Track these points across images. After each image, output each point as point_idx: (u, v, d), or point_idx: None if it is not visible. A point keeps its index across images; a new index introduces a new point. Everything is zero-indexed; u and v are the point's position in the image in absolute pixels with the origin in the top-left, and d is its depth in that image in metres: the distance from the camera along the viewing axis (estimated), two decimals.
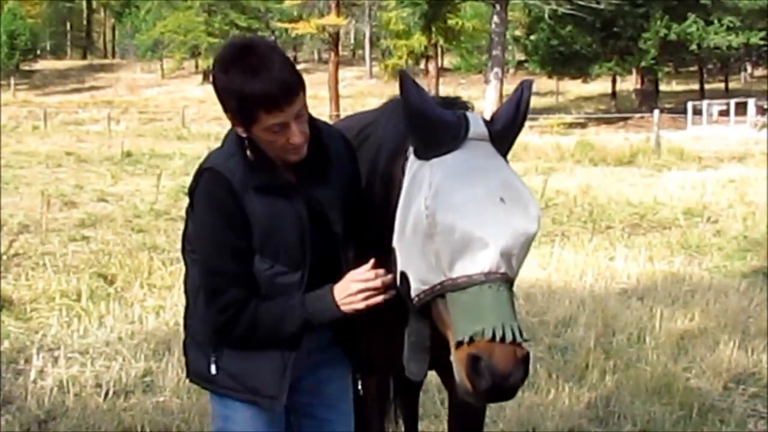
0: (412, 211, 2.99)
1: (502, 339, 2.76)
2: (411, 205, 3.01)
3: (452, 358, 2.90)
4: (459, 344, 2.84)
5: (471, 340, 2.79)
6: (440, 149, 3.01)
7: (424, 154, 3.05)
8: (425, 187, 2.96)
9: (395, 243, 3.12)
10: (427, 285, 2.97)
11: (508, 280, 2.88)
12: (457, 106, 3.28)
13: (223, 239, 3.13)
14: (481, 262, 2.84)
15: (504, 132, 3.11)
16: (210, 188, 3.14)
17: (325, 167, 3.27)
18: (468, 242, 2.85)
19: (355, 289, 3.14)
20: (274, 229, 3.13)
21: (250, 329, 3.17)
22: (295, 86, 3.02)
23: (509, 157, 3.20)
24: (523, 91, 3.14)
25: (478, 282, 2.83)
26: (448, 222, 2.87)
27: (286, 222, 3.13)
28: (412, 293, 3.05)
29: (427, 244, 2.94)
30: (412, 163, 3.10)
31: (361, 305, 3.15)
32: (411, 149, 3.14)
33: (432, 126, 3.01)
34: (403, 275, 3.08)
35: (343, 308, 3.15)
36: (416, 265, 3.00)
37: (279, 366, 3.25)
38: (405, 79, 3.02)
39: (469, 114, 3.12)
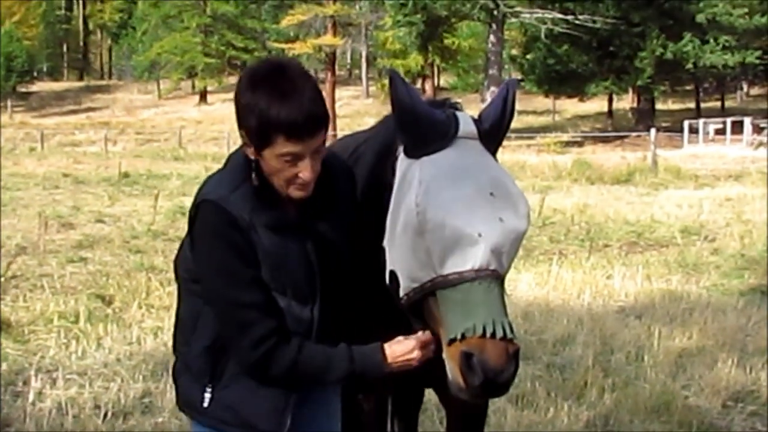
0: (403, 209, 3.02)
1: (493, 335, 2.78)
2: (401, 203, 3.04)
3: (444, 355, 2.92)
4: (451, 341, 2.86)
5: (463, 337, 2.81)
6: (430, 147, 3.04)
7: (413, 153, 3.08)
8: (415, 185, 2.99)
9: (385, 242, 3.14)
10: (417, 282, 3.00)
11: (499, 277, 2.90)
12: (447, 106, 3.30)
13: (234, 269, 2.93)
14: (471, 258, 2.86)
15: (492, 130, 3.15)
16: (212, 221, 2.96)
17: (330, 207, 3.13)
18: (458, 239, 2.87)
19: (415, 351, 3.05)
20: (282, 265, 2.97)
21: (290, 371, 2.97)
22: (322, 120, 2.87)
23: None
24: (509, 89, 3.19)
25: (468, 279, 2.85)
26: (438, 219, 2.90)
27: (294, 258, 3.00)
28: (402, 291, 3.07)
29: (418, 242, 2.96)
30: (402, 162, 3.13)
31: (416, 364, 3.06)
32: (401, 148, 3.16)
33: (421, 123, 3.04)
34: (393, 274, 3.11)
35: (397, 367, 3.04)
36: (406, 262, 3.02)
37: (281, 401, 3.08)
38: (394, 78, 3.06)
39: (458, 113, 3.17)
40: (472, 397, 2.89)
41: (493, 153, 3.16)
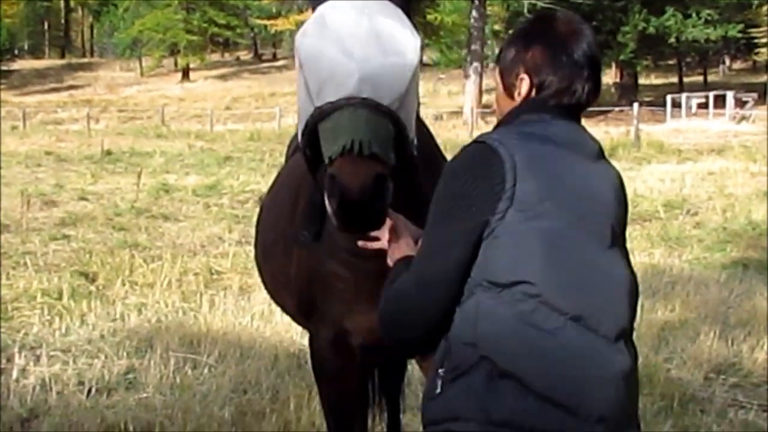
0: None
1: (351, 151, 2.75)
2: None
3: None
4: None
5: (330, 162, 2.81)
6: None
7: (315, 5, 3.12)
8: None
9: None
10: (304, 121, 3.01)
11: (374, 106, 2.86)
12: None
13: None
14: (344, 87, 2.85)
15: None
16: None
17: None
18: (333, 70, 2.89)
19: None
20: None
21: None
22: None
23: None
24: None
25: (339, 106, 2.84)
26: (315, 50, 2.95)
27: None
28: (299, 134, 3.08)
29: (301, 77, 3.01)
30: None
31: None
32: None
33: None
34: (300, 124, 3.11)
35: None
36: (299, 102, 3.07)
37: None
38: None
39: None
40: (342, 225, 2.86)
41: (402, 2, 3.18)
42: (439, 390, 2.68)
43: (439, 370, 2.70)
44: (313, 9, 3.13)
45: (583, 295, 2.65)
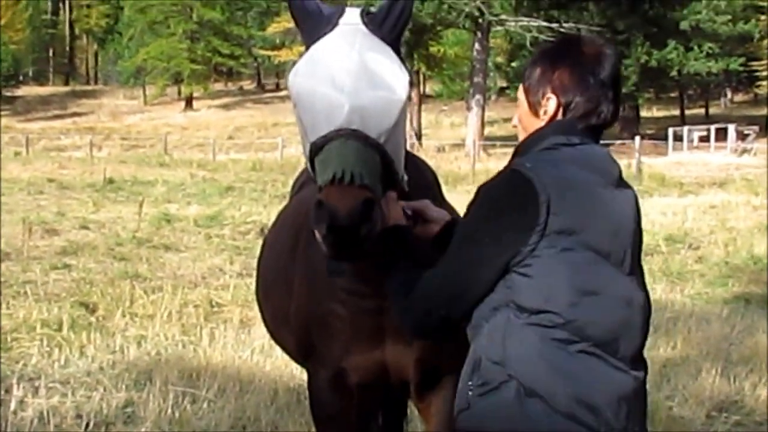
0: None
1: (341, 181, 2.86)
2: None
3: None
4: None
5: (320, 190, 2.93)
6: (318, 35, 3.20)
7: (309, 45, 3.23)
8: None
9: None
10: (306, 156, 3.14)
11: (363, 138, 2.98)
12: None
13: None
14: (335, 120, 2.97)
15: (380, 15, 3.25)
16: None
17: None
18: (325, 104, 3.01)
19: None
20: None
21: None
22: None
23: None
24: None
25: (330, 138, 2.96)
26: (307, 87, 3.06)
27: None
28: (308, 167, 3.18)
29: (297, 115, 3.13)
30: None
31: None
32: None
33: (310, 16, 3.24)
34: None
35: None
36: (301, 140, 3.18)
37: None
38: None
39: (349, 8, 3.30)
40: (331, 252, 2.95)
41: (392, 41, 3.25)
42: (469, 403, 2.89)
43: (469, 383, 2.91)
44: (307, 47, 3.22)
45: (606, 323, 2.84)
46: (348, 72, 3.04)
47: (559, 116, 3.01)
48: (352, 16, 3.23)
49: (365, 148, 2.96)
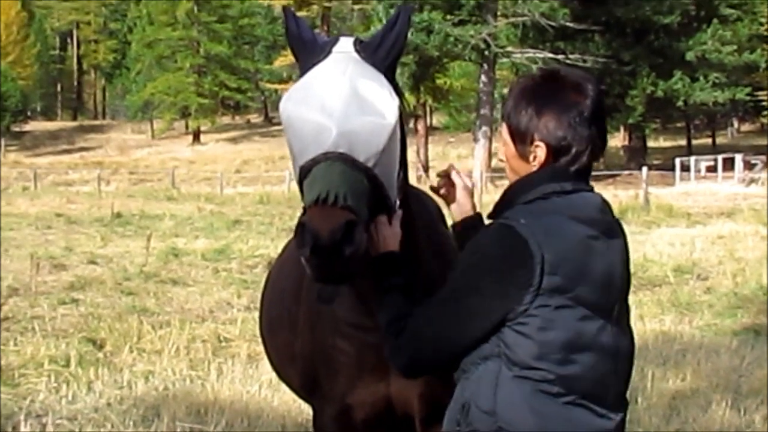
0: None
1: (325, 201, 2.84)
2: None
3: None
4: None
5: (304, 212, 2.92)
6: (312, 63, 3.23)
7: (303, 73, 3.25)
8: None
9: None
10: (297, 181, 3.12)
11: (350, 161, 2.98)
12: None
13: None
14: (323, 144, 2.98)
15: (373, 44, 3.26)
16: None
17: None
18: (313, 129, 3.01)
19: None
20: None
21: None
22: None
23: None
24: (400, 13, 3.30)
25: (318, 161, 2.97)
26: (297, 113, 3.07)
27: None
28: (299, 191, 3.16)
29: (288, 139, 3.14)
30: None
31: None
32: None
33: (306, 46, 3.29)
34: None
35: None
36: (292, 164, 3.18)
37: None
38: (287, 14, 3.36)
39: (345, 36, 3.33)
40: (315, 274, 2.92)
41: (385, 69, 3.26)
42: None
43: (457, 427, 2.95)
44: (301, 76, 3.25)
45: (595, 376, 2.90)
46: (337, 97, 3.05)
47: (550, 161, 2.99)
48: (345, 44, 3.26)
49: (352, 171, 2.96)
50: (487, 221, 3.21)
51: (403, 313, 3.02)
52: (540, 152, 2.98)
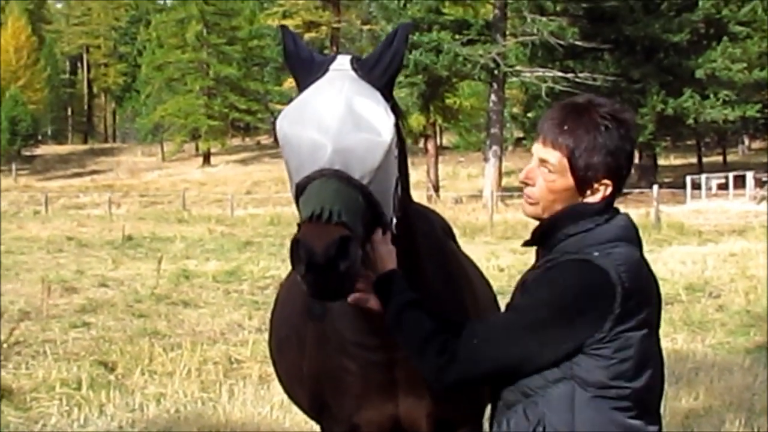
0: None
1: (319, 218, 2.83)
2: None
3: None
4: None
5: (299, 229, 2.91)
6: (310, 82, 3.23)
7: (300, 91, 3.26)
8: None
9: None
10: (294, 200, 3.13)
11: (345, 178, 2.97)
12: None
13: None
14: (318, 161, 2.98)
15: (370, 62, 3.26)
16: None
17: None
18: (309, 147, 3.02)
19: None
20: None
21: None
22: None
23: None
24: (398, 30, 3.30)
25: (313, 178, 2.97)
26: (293, 131, 3.08)
27: None
28: (296, 209, 3.18)
29: (285, 157, 3.15)
30: None
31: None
32: None
33: (304, 65, 3.28)
34: None
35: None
36: (289, 182, 3.17)
37: None
38: (285, 32, 3.36)
39: (342, 54, 3.34)
40: (310, 291, 2.91)
41: (383, 87, 3.25)
42: None
43: None
44: (299, 93, 3.26)
45: (653, 389, 3.08)
46: (333, 115, 3.06)
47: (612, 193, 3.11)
48: (342, 62, 3.27)
49: (346, 188, 2.96)
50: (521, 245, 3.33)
51: (434, 330, 3.05)
52: (607, 189, 3.08)
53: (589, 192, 3.07)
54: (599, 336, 2.91)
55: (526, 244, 3.23)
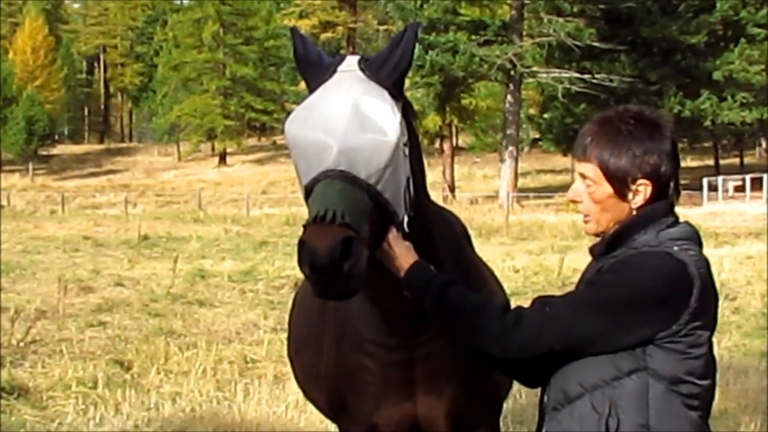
0: None
1: (323, 219, 2.85)
2: None
3: None
4: None
5: (304, 230, 2.93)
6: (319, 83, 3.26)
7: (310, 93, 3.29)
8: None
9: None
10: (304, 202, 3.14)
11: (350, 178, 3.00)
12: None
13: None
14: (324, 162, 3.00)
15: (377, 61, 3.29)
16: None
17: None
18: (314, 150, 3.04)
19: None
20: None
21: None
22: None
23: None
24: (407, 29, 3.33)
25: (318, 180, 3.00)
26: (301, 133, 3.10)
27: None
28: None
29: (293, 159, 3.16)
30: None
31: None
32: None
33: (313, 66, 3.33)
34: None
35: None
36: (299, 184, 3.17)
37: None
38: (294, 34, 3.44)
39: (349, 56, 3.36)
40: (317, 290, 2.95)
41: (391, 86, 3.26)
42: None
43: None
44: (309, 94, 3.29)
45: (713, 392, 3.14)
46: (339, 116, 3.08)
47: (654, 195, 3.13)
48: (350, 63, 3.28)
49: (352, 189, 2.98)
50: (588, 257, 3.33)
51: (486, 300, 3.16)
52: (647, 189, 3.09)
53: (630, 195, 3.09)
54: (676, 329, 2.93)
55: (598, 254, 3.23)
